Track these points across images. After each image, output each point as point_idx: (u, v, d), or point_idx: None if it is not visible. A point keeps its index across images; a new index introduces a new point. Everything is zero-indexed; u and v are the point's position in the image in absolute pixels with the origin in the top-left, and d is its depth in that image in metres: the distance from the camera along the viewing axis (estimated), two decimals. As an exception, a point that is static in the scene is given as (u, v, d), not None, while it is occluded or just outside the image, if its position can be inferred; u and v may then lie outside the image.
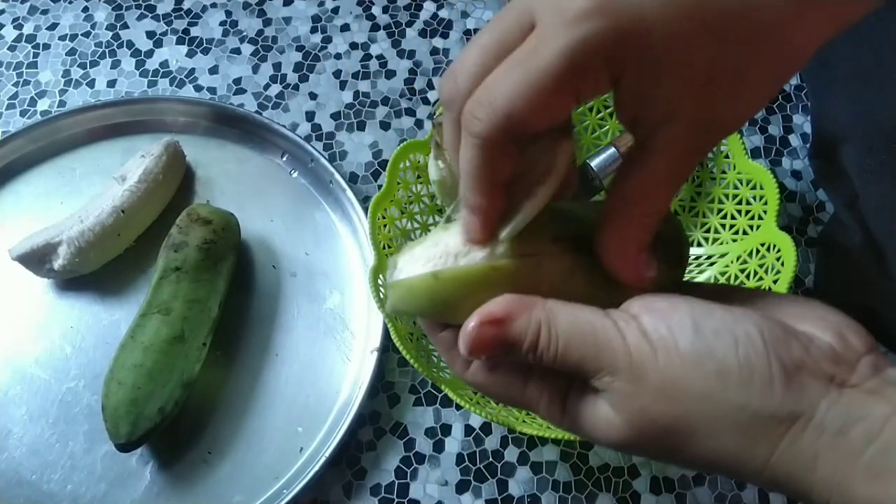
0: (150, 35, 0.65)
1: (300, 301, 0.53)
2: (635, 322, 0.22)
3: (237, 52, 0.64)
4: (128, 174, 0.53)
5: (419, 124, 0.61)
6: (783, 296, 0.24)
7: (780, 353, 0.20)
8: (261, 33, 0.65)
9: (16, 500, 0.47)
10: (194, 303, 0.48)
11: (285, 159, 0.59)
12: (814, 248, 0.56)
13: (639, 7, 0.20)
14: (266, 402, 0.50)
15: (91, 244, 0.50)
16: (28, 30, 0.65)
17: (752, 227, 0.48)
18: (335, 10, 0.66)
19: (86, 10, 0.67)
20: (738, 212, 0.49)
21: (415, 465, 0.49)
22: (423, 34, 0.65)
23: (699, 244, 0.52)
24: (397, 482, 0.48)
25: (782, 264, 0.44)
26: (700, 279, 0.50)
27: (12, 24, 0.66)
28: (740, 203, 0.49)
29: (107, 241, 0.51)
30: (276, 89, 0.62)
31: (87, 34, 0.65)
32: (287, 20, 0.66)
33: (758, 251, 0.46)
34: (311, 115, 0.61)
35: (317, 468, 0.47)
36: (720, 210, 0.51)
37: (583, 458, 0.49)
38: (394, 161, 0.48)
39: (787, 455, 0.20)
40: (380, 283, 0.45)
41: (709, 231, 0.51)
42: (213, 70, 0.63)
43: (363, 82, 0.63)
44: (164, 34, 0.65)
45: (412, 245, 0.25)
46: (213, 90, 0.62)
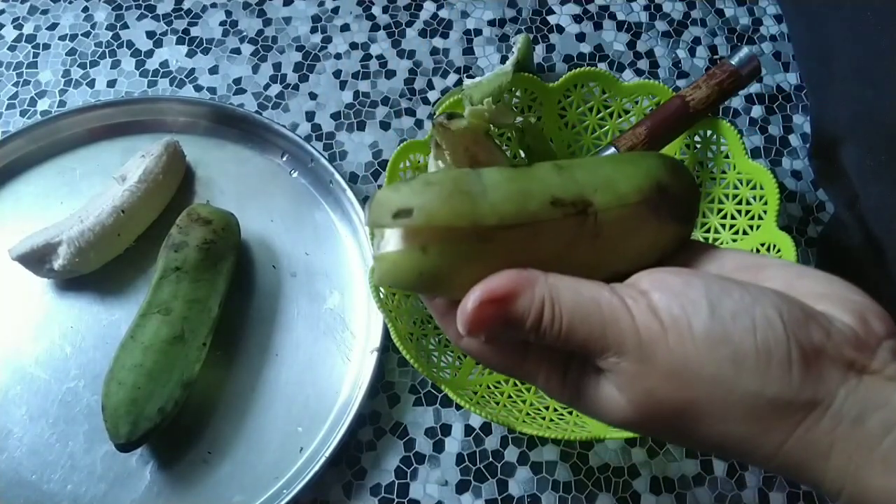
0: (150, 35, 0.65)
1: (300, 301, 0.53)
2: (645, 299, 0.21)
3: (237, 52, 0.64)
4: (128, 174, 0.53)
5: (419, 124, 0.61)
6: (803, 268, 0.23)
7: (800, 338, 0.20)
8: (261, 33, 0.65)
9: (16, 500, 0.47)
10: (194, 303, 0.48)
11: (285, 159, 0.59)
12: (814, 248, 0.56)
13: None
14: (266, 402, 0.50)
15: (91, 244, 0.50)
16: (28, 30, 0.65)
17: (752, 227, 0.48)
18: (335, 10, 0.66)
19: (86, 10, 0.66)
20: (738, 212, 0.49)
21: (415, 465, 0.49)
22: (423, 34, 0.65)
23: (699, 244, 0.52)
24: (397, 482, 0.48)
25: (782, 264, 0.44)
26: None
27: (12, 24, 0.66)
28: (740, 203, 0.49)
29: (107, 241, 0.51)
30: (276, 89, 0.62)
31: (87, 34, 0.65)
32: (287, 20, 0.66)
33: (758, 251, 0.46)
34: (311, 115, 0.61)
35: (317, 468, 0.47)
36: (720, 210, 0.51)
37: (583, 458, 0.49)
38: (394, 161, 0.48)
39: (801, 442, 0.19)
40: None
41: (709, 231, 0.51)
42: (213, 70, 0.63)
43: (363, 82, 0.63)
44: (164, 34, 0.65)
45: None
46: (213, 90, 0.62)
